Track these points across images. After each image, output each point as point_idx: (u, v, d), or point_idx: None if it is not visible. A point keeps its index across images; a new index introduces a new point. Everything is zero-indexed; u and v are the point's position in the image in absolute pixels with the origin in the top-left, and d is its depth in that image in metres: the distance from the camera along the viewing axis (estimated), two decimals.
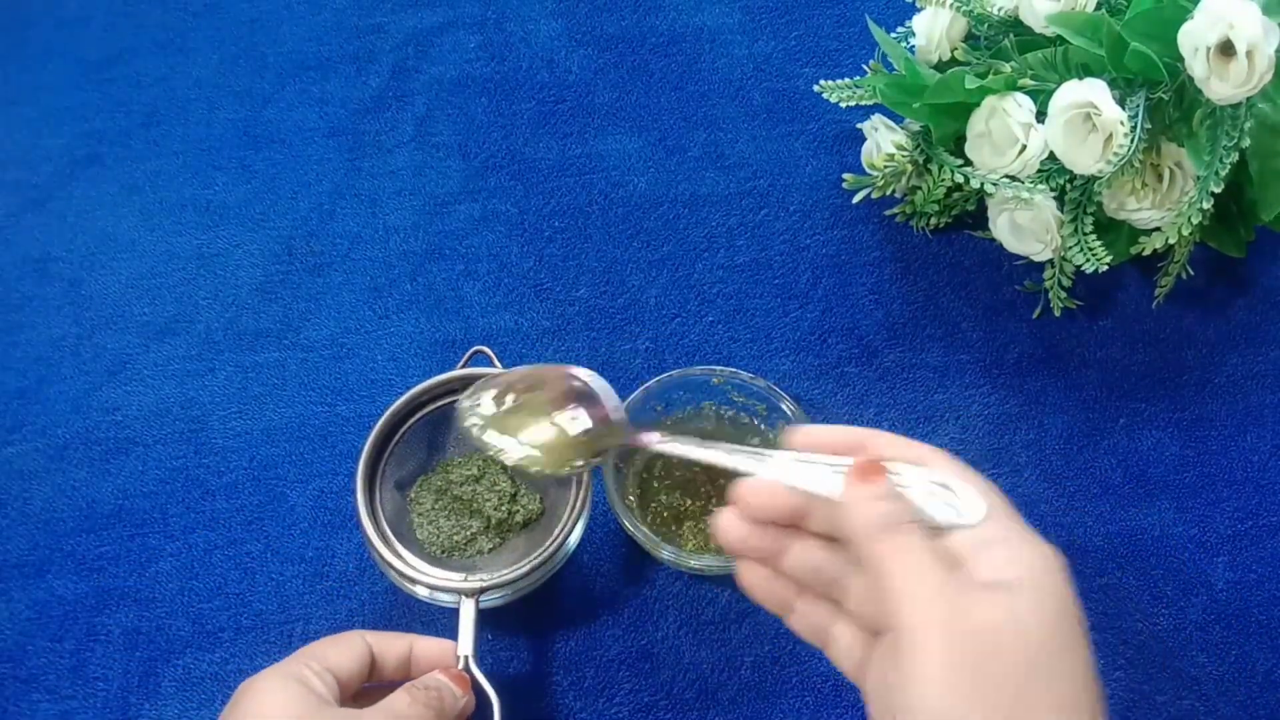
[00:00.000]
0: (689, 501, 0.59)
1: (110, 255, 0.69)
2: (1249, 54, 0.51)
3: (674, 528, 0.59)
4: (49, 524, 0.61)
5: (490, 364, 0.59)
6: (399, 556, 0.54)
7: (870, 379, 0.65)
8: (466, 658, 0.51)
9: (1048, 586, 0.36)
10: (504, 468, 0.58)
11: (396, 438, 0.57)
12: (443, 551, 0.56)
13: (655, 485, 0.60)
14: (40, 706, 0.57)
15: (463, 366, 0.59)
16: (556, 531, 0.54)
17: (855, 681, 0.41)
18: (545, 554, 0.53)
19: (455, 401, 0.58)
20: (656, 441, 0.45)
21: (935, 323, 0.67)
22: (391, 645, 0.50)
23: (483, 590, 0.52)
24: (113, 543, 0.61)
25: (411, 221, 0.70)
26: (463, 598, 0.52)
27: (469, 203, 0.71)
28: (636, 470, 0.60)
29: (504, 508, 0.57)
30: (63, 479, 0.62)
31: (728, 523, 0.42)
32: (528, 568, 0.53)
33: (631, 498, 0.59)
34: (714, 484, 0.60)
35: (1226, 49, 0.52)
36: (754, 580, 0.43)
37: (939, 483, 0.39)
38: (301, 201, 0.71)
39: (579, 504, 0.54)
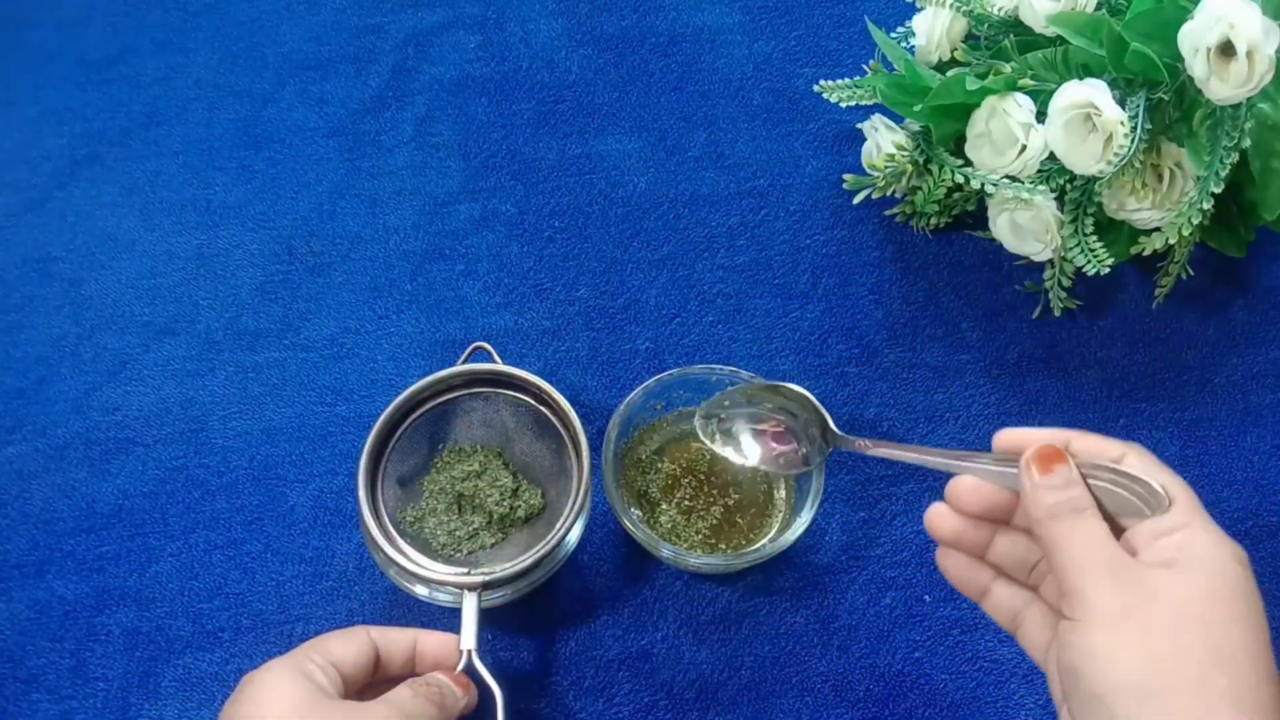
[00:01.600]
0: (690, 501, 0.59)
1: (110, 255, 0.69)
2: (1249, 54, 0.51)
3: (674, 527, 0.59)
4: (49, 524, 0.61)
5: (491, 360, 0.59)
6: (401, 553, 0.54)
7: (870, 379, 0.65)
8: (470, 652, 0.51)
9: (1221, 567, 0.38)
10: (505, 463, 0.59)
11: (398, 434, 0.57)
12: (445, 547, 0.56)
13: (655, 484, 0.60)
14: (40, 706, 0.57)
15: (463, 363, 0.59)
16: (559, 525, 0.54)
17: (1041, 665, 0.44)
18: (547, 548, 0.53)
19: (458, 398, 0.58)
20: (869, 447, 0.49)
21: (935, 323, 0.67)
22: (396, 640, 0.50)
23: (486, 584, 0.53)
24: (113, 543, 0.61)
25: (411, 221, 0.70)
26: (465, 592, 0.52)
27: (469, 203, 0.71)
28: (637, 470, 0.60)
29: (506, 502, 0.57)
30: (62, 479, 0.62)
31: (940, 517, 0.46)
32: (530, 561, 0.53)
33: (631, 497, 0.59)
34: (715, 483, 0.60)
35: (1226, 49, 0.52)
36: (953, 565, 0.46)
37: (1128, 475, 0.41)
38: (301, 201, 0.71)
39: (579, 502, 0.54)
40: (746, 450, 0.56)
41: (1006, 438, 0.44)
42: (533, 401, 0.58)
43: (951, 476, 0.45)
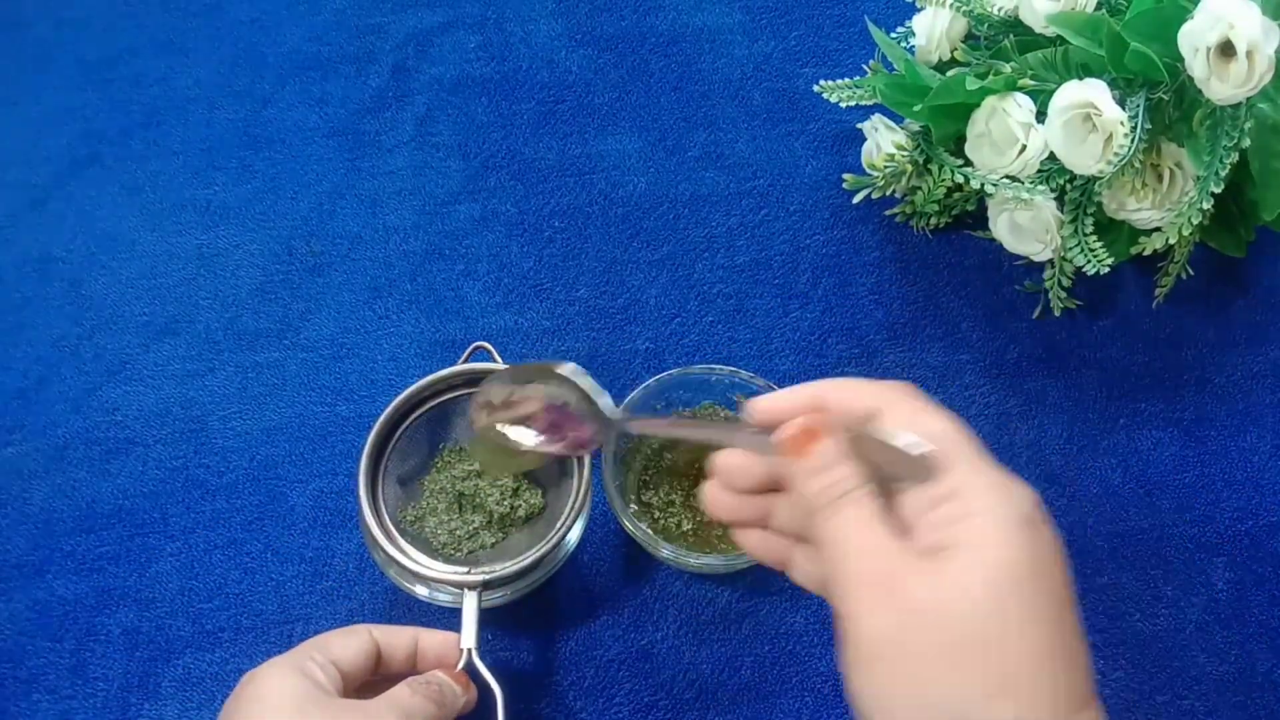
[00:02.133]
0: (690, 500, 0.59)
1: (110, 255, 0.69)
2: (1249, 54, 0.51)
3: (674, 526, 0.59)
4: (49, 524, 0.61)
5: (491, 360, 0.59)
6: (401, 552, 0.54)
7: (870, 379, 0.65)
8: (470, 650, 0.51)
9: (986, 545, 0.33)
10: None
11: (399, 433, 0.57)
12: (445, 546, 0.56)
13: (655, 484, 0.60)
14: (40, 706, 0.57)
15: (464, 362, 0.59)
16: (559, 524, 0.54)
17: None
18: (547, 547, 0.53)
19: (458, 397, 0.58)
20: (633, 425, 0.45)
21: (935, 323, 0.67)
22: (397, 638, 0.50)
23: (486, 583, 0.53)
24: (113, 543, 0.61)
25: (411, 221, 0.70)
26: (465, 591, 0.52)
27: (469, 203, 0.71)
28: (636, 470, 0.60)
29: (506, 502, 0.57)
30: (62, 479, 0.62)
31: (714, 495, 0.42)
32: (531, 560, 0.53)
33: (631, 496, 0.59)
34: None
35: (1226, 49, 0.52)
36: (751, 543, 0.43)
37: (883, 442, 0.36)
38: (301, 201, 0.71)
39: (579, 501, 0.54)
40: (520, 437, 0.50)
41: (759, 409, 0.39)
42: None
43: None
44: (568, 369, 0.48)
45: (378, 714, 0.45)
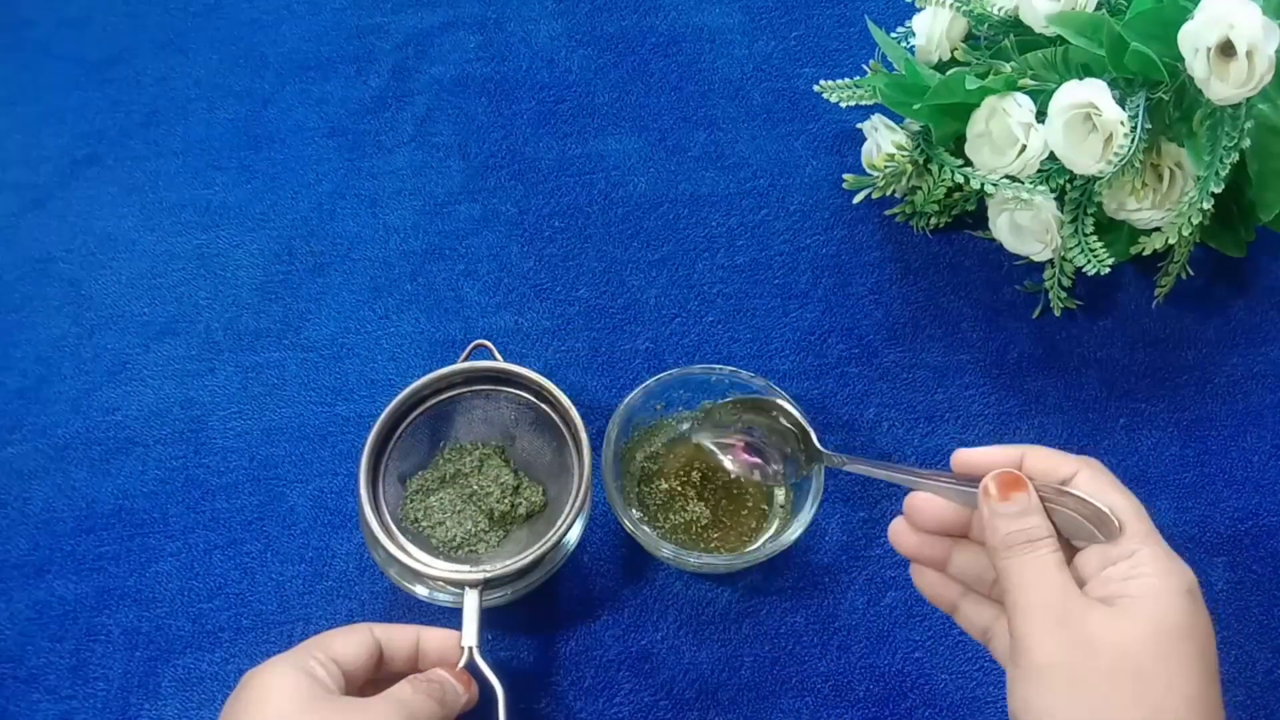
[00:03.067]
0: (689, 500, 0.59)
1: (110, 255, 0.69)
2: (1249, 54, 0.51)
3: (674, 526, 0.59)
4: (49, 524, 0.61)
5: (492, 358, 0.59)
6: (403, 550, 0.54)
7: (870, 379, 0.65)
8: (471, 649, 0.51)
9: (1157, 601, 0.38)
10: (506, 460, 0.59)
11: (399, 431, 0.57)
12: (445, 545, 0.56)
13: (655, 484, 0.60)
14: (40, 706, 0.57)
15: (464, 360, 0.59)
16: (560, 521, 0.54)
17: None
18: (549, 544, 0.53)
19: (458, 396, 0.58)
20: (845, 463, 0.50)
21: (935, 323, 0.67)
22: (399, 637, 0.50)
23: (487, 581, 0.53)
24: (113, 543, 0.61)
25: (411, 221, 0.70)
26: (467, 589, 0.52)
27: (469, 203, 0.71)
28: (636, 469, 0.60)
29: (507, 500, 0.57)
30: (62, 479, 0.62)
31: (900, 532, 0.47)
32: (533, 558, 0.53)
33: (631, 496, 0.59)
34: (715, 483, 0.60)
35: (1226, 49, 0.52)
36: (926, 582, 0.47)
37: (1077, 498, 0.40)
38: (301, 201, 0.71)
39: (579, 501, 0.54)
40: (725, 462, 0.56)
41: (963, 459, 0.44)
42: (534, 399, 0.58)
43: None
44: (783, 401, 0.55)
45: (379, 712, 0.45)
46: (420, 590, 0.55)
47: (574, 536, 0.56)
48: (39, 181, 0.72)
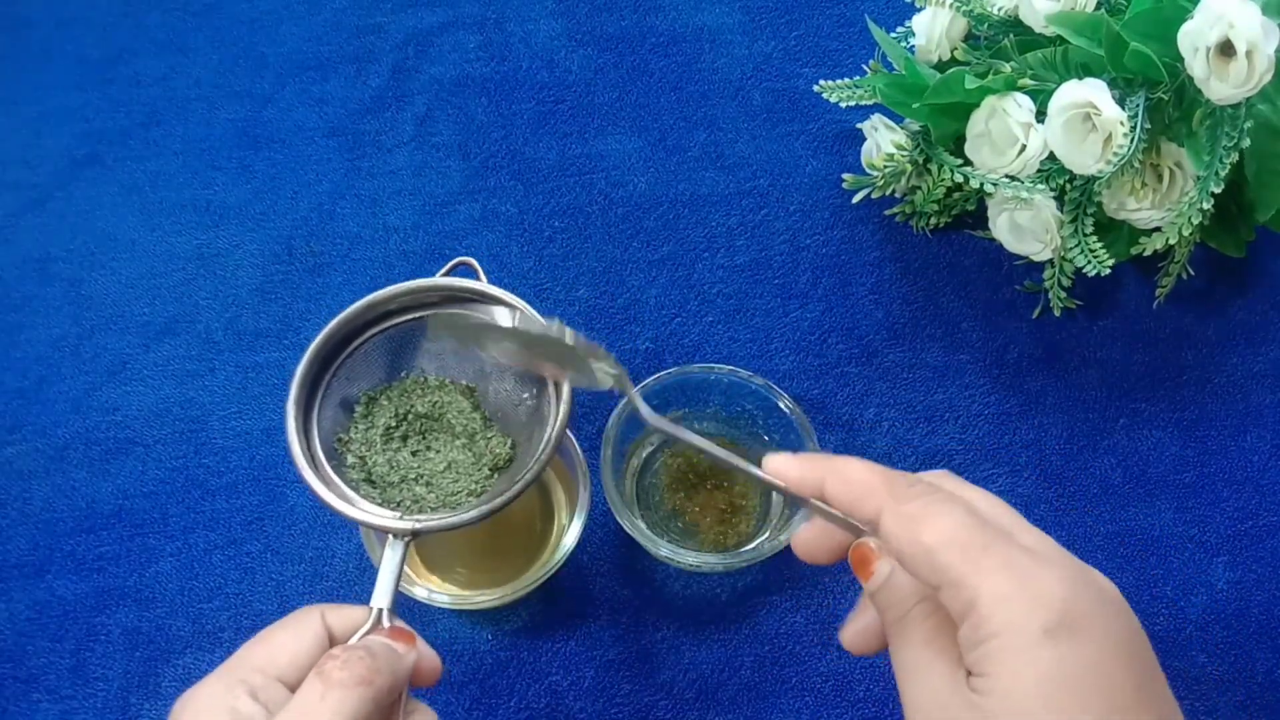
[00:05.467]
0: (688, 499, 0.59)
1: (110, 255, 0.69)
2: (1249, 54, 0.51)
3: (673, 526, 0.59)
4: (49, 524, 0.61)
5: (475, 277, 0.54)
6: (325, 483, 0.46)
7: (870, 379, 0.65)
8: (383, 611, 0.42)
9: (1014, 674, 0.31)
10: (475, 403, 0.52)
11: (353, 347, 0.49)
12: (383, 483, 0.49)
13: (654, 484, 0.60)
14: (40, 706, 0.57)
15: (443, 275, 0.53)
16: (520, 476, 0.46)
17: None
18: (500, 500, 0.45)
19: (423, 317, 0.51)
20: (659, 421, 0.44)
21: (935, 323, 0.67)
22: (352, 620, 0.42)
23: (415, 532, 0.44)
24: (113, 543, 0.61)
25: (411, 221, 0.70)
26: (390, 538, 0.44)
27: (469, 203, 0.71)
28: (635, 469, 0.60)
29: (467, 447, 0.50)
30: (62, 479, 0.62)
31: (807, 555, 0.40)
32: (475, 513, 0.45)
33: (631, 496, 0.59)
34: (714, 482, 0.60)
35: (1226, 49, 0.52)
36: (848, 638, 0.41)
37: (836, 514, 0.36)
38: (301, 201, 0.71)
39: (578, 503, 0.54)
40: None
41: (769, 467, 0.39)
42: None
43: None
44: (569, 336, 0.46)
45: None
46: (419, 591, 0.55)
47: (573, 538, 0.56)
48: (39, 181, 0.72)
